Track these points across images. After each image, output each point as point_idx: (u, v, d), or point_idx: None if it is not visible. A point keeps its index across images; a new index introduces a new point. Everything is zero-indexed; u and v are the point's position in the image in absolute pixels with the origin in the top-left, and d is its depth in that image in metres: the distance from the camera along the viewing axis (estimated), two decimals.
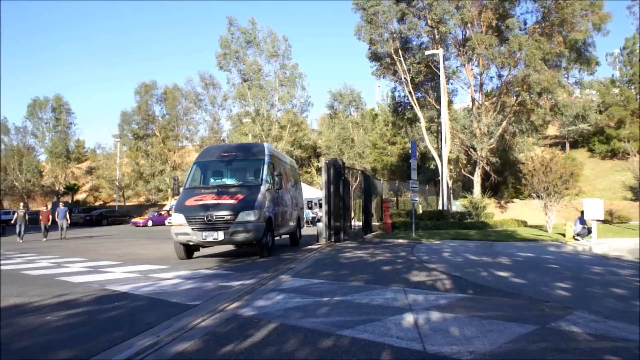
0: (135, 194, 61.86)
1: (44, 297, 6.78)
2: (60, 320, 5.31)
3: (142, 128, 57.20)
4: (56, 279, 8.81)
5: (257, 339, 4.21)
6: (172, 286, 7.54)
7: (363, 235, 17.75)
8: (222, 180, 12.53)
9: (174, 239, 11.44)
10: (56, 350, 4.12)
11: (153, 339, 4.29)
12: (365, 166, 47.23)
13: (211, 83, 53.87)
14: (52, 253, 14.85)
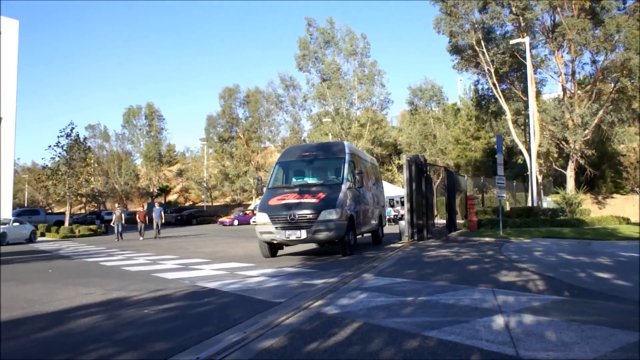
0: (222, 194, 64.55)
1: (141, 292, 7.23)
2: (156, 314, 5.63)
3: (227, 131, 59.56)
4: (152, 275, 9.39)
5: (341, 337, 4.20)
6: (257, 284, 7.75)
7: (447, 234, 17.25)
8: (303, 180, 12.70)
9: (258, 237, 11.77)
10: (153, 342, 4.36)
11: (240, 334, 4.41)
12: (448, 162, 45.92)
13: (291, 84, 54.91)
14: (148, 251, 15.85)
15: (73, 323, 5.32)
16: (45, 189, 34.45)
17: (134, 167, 67.19)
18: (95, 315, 5.69)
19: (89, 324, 5.22)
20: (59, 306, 6.30)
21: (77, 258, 14.33)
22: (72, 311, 5.98)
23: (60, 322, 5.37)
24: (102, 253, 15.74)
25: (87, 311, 5.94)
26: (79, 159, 31.28)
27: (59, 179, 31.12)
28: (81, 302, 6.52)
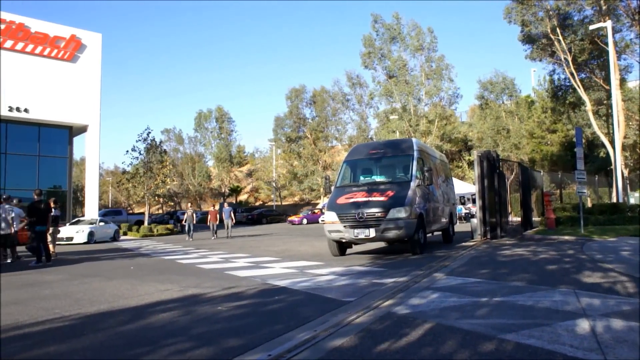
0: (290, 193, 65.61)
1: (215, 289, 7.46)
2: (229, 311, 5.78)
3: (294, 131, 60.45)
4: (225, 272, 9.68)
5: (412, 338, 4.10)
6: (327, 282, 7.77)
7: (522, 232, 16.50)
8: (371, 178, 12.61)
9: (327, 236, 11.82)
10: (227, 338, 4.47)
11: (310, 333, 4.43)
12: (522, 157, 43.93)
13: (358, 82, 54.79)
14: (221, 249, 16.38)
15: (153, 317, 5.58)
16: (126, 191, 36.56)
17: (206, 169, 69.91)
18: (172, 310, 5.93)
19: (167, 319, 5.45)
20: (140, 301, 6.63)
21: (156, 256, 15.07)
22: (151, 306, 6.27)
23: (141, 317, 5.65)
24: (178, 251, 16.46)
25: (165, 306, 6.21)
26: (156, 162, 32.92)
27: (138, 181, 32.92)
28: (160, 298, 6.83)
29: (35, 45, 28.77)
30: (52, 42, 29.36)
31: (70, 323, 5.44)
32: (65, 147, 31.83)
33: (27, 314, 5.93)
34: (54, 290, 7.95)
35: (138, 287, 7.93)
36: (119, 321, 5.44)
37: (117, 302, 6.63)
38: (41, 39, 28.98)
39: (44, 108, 28.73)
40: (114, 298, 6.95)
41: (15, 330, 5.15)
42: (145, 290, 7.55)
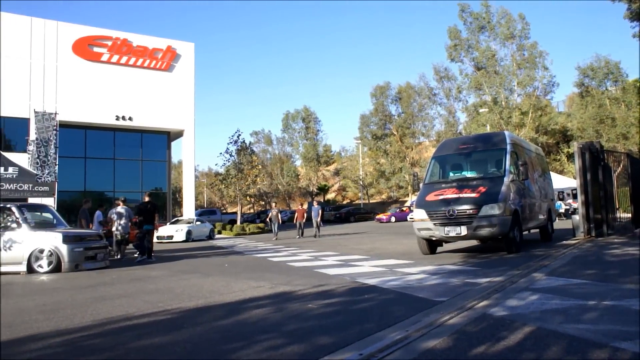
0: (378, 191, 65.25)
1: (305, 287, 7.56)
2: (320, 309, 5.82)
3: (380, 128, 60.03)
4: (314, 270, 9.79)
5: (511, 342, 3.87)
6: (417, 281, 7.60)
7: (633, 229, 15.11)
8: (461, 174, 12.17)
9: (416, 234, 11.58)
10: (318, 336, 4.49)
11: (402, 333, 4.32)
12: (631, 148, 40.26)
13: (445, 75, 53.24)
14: (310, 248, 16.64)
15: (246, 313, 5.76)
16: (219, 191, 38.31)
17: (294, 168, 71.50)
18: (265, 307, 6.09)
19: (260, 315, 5.59)
20: (234, 297, 6.87)
21: (248, 254, 15.63)
22: (245, 302, 6.48)
23: (235, 312, 5.86)
24: (269, 249, 16.96)
25: (258, 303, 6.38)
26: (246, 163, 34.20)
27: (230, 182, 34.39)
28: (252, 295, 7.04)
29: (136, 58, 31.05)
30: (150, 54, 31.52)
31: (172, 316, 5.76)
32: (164, 151, 34.06)
33: (135, 307, 6.37)
34: (157, 285, 8.49)
35: (232, 284, 8.25)
36: (215, 316, 5.67)
37: (213, 297, 6.93)
38: (141, 51, 31.22)
39: (145, 116, 30.92)
40: (210, 294, 7.27)
41: (125, 321, 5.55)
42: (239, 287, 7.83)
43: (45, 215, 13.02)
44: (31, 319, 5.86)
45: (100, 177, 30.91)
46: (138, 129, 31.50)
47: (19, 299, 7.76)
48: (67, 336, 4.91)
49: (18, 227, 11.37)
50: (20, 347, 4.53)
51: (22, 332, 5.12)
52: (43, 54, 28.31)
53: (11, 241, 11.22)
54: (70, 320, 5.64)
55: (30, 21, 28.27)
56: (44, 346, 4.54)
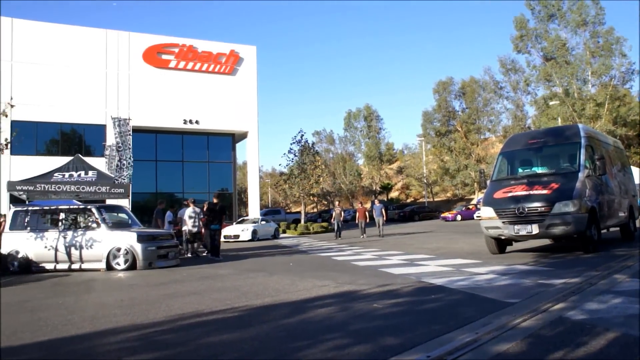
0: (442, 189, 63.85)
1: (370, 286, 7.51)
2: (385, 309, 5.75)
3: (444, 125, 58.69)
4: (379, 270, 9.70)
5: (593, 349, 3.63)
6: (486, 281, 7.33)
7: None
8: (531, 170, 11.63)
9: (484, 233, 11.19)
10: (384, 336, 4.43)
11: (471, 335, 4.18)
12: None
13: (512, 68, 51.17)
14: (374, 247, 16.52)
15: (312, 312, 5.79)
16: (283, 191, 38.89)
17: (357, 167, 71.40)
18: (329, 306, 6.09)
19: (325, 314, 5.60)
20: (300, 296, 6.93)
21: (312, 253, 15.75)
22: (310, 301, 6.52)
23: (301, 311, 5.90)
24: (333, 248, 17.00)
25: (323, 302, 6.40)
26: (309, 163, 34.50)
27: (293, 182, 34.83)
28: (317, 294, 7.07)
29: (202, 63, 32.16)
30: (215, 58, 32.53)
31: (240, 314, 5.90)
32: (230, 153, 35.06)
33: (204, 304, 6.58)
34: (225, 284, 8.72)
35: (297, 283, 8.33)
36: (281, 314, 5.74)
37: (279, 296, 7.03)
38: (206, 57, 32.29)
39: (211, 119, 31.96)
40: (276, 292, 7.38)
41: (196, 317, 5.74)
42: (303, 286, 7.89)
43: (121, 216, 13.76)
44: (110, 313, 6.20)
45: (170, 179, 32.30)
46: (204, 131, 32.61)
47: (99, 294, 8.24)
48: (143, 331, 5.14)
49: (97, 227, 12.09)
50: (102, 340, 4.79)
51: (103, 326, 5.42)
52: (117, 63, 29.94)
53: (92, 240, 11.95)
54: (145, 316, 5.91)
55: (106, 34, 30.00)
56: (123, 339, 4.78)
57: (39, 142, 28.46)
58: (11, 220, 12.71)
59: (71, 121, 28.83)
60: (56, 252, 12.08)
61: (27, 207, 13.08)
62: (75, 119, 28.70)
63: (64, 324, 5.64)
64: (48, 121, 27.97)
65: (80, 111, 28.59)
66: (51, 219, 12.65)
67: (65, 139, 29.66)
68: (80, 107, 28.58)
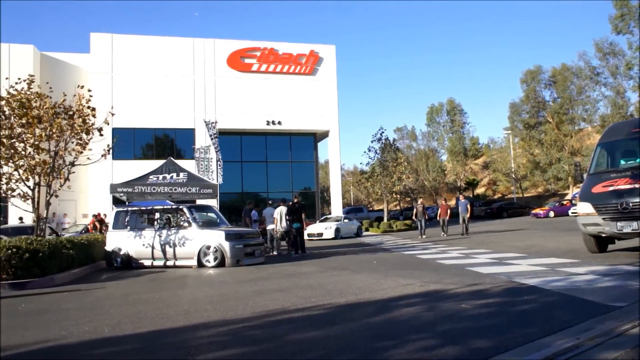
0: (532, 184, 60.51)
1: (457, 285, 7.25)
2: (474, 309, 5.52)
3: (533, 116, 55.57)
4: (466, 268, 9.36)
5: None
6: (585, 282, 6.81)
7: None
8: (635, 161, 10.65)
9: (581, 230, 10.42)
10: (473, 338, 4.25)
11: (571, 340, 3.88)
12: None
13: (611, 52, 47.26)
14: (460, 245, 15.99)
15: (397, 312, 5.68)
16: (365, 189, 38.79)
17: (440, 163, 69.58)
18: (415, 305, 5.95)
19: (411, 314, 5.48)
20: (384, 295, 6.85)
21: (396, 251, 15.54)
22: (395, 300, 6.42)
23: (386, 310, 5.82)
24: (417, 246, 16.68)
25: (408, 301, 6.27)
26: (390, 160, 34.12)
27: (375, 180, 34.62)
28: (402, 293, 6.94)
29: (282, 65, 32.89)
30: (295, 59, 33.13)
31: (324, 312, 5.93)
32: (311, 152, 35.54)
33: (289, 301, 6.69)
34: (309, 281, 8.83)
35: (381, 281, 8.24)
36: (366, 313, 5.69)
37: (363, 294, 6.98)
38: (287, 58, 32.97)
39: (293, 119, 32.59)
40: (360, 290, 7.34)
41: (282, 314, 5.85)
42: (388, 284, 7.79)
43: (210, 215, 14.40)
44: (202, 308, 6.48)
45: (255, 179, 33.35)
46: (287, 132, 33.31)
47: (192, 289, 8.66)
48: (232, 326, 5.32)
49: (189, 226, 12.74)
50: (194, 333, 5.02)
51: (195, 320, 5.68)
52: (203, 69, 31.42)
53: (184, 238, 12.62)
54: (234, 311, 6.12)
55: (193, 42, 31.60)
56: (214, 334, 4.97)
57: (136, 147, 30.58)
58: (114, 220, 13.77)
59: (164, 126, 30.70)
60: (152, 250, 12.89)
61: (127, 207, 14.08)
62: (167, 124, 30.53)
63: (161, 317, 5.98)
64: (144, 127, 29.97)
65: (172, 116, 30.35)
66: (148, 218, 13.52)
67: (159, 143, 31.61)
68: (172, 113, 30.34)
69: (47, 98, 11.86)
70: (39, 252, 10.05)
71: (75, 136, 12.08)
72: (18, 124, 11.46)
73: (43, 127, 11.60)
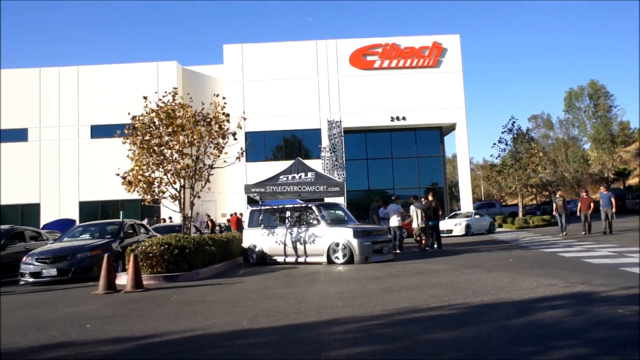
0: None
1: (610, 288, 6.51)
2: (633, 316, 4.88)
3: None
4: (619, 269, 8.39)
5: None
6: None
7: None
8: None
9: None
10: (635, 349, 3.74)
11: None
12: None
13: None
14: (610, 242, 14.38)
15: (539, 314, 5.24)
16: (497, 183, 36.73)
17: (582, 153, 63.33)
18: (560, 308, 5.44)
19: (555, 318, 5.01)
20: (523, 295, 6.37)
21: (534, 248, 14.44)
22: (535, 302, 5.93)
23: (525, 312, 5.40)
24: (558, 244, 15.34)
25: (551, 303, 5.76)
26: (524, 151, 31.84)
27: (507, 173, 32.58)
28: (544, 294, 6.40)
29: (405, 59, 32.40)
30: (417, 53, 32.44)
31: (458, 312, 5.67)
32: (438, 146, 34.54)
33: (420, 300, 6.52)
34: (440, 279, 8.54)
35: (519, 281, 7.69)
36: (503, 315, 5.33)
37: (498, 294, 6.56)
38: (409, 52, 32.42)
39: (417, 114, 31.96)
40: (495, 290, 6.91)
41: (412, 313, 5.71)
42: (527, 284, 7.24)
43: (338, 213, 14.65)
44: (333, 304, 6.58)
45: (380, 176, 33.32)
46: (411, 127, 32.76)
47: (322, 285, 8.86)
48: (362, 323, 5.32)
49: (318, 224, 13.08)
50: (326, 329, 5.11)
51: (326, 316, 5.78)
52: (327, 70, 32.18)
53: (314, 236, 12.99)
54: (364, 309, 6.12)
55: (315, 44, 32.51)
56: (344, 330, 5.01)
57: (266, 149, 32.31)
58: (249, 218, 14.64)
59: (291, 128, 32.04)
60: (284, 247, 13.46)
61: (260, 206, 14.88)
62: (294, 125, 31.81)
63: (294, 312, 6.19)
64: (273, 130, 31.58)
65: (299, 118, 31.57)
66: (279, 216, 14.15)
67: (288, 145, 33.02)
68: (298, 115, 31.56)
69: (189, 108, 12.98)
70: (186, 248, 11.05)
71: (212, 141, 13.07)
72: (165, 133, 12.71)
73: (186, 134, 12.73)
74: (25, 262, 11.55)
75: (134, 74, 31.55)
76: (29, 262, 11.50)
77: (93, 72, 32.31)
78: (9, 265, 12.40)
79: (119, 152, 14.15)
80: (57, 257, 11.50)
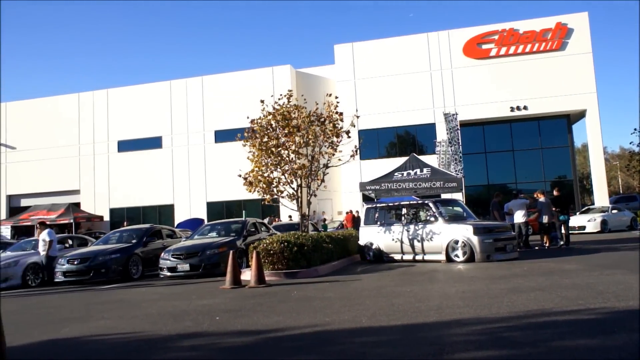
0: None
1: None
2: None
3: None
4: None
5: None
6: None
7: None
8: None
9: None
10: None
11: None
12: None
13: None
14: None
15: None
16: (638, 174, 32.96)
17: None
18: None
19: None
20: None
21: None
22: None
23: None
24: None
25: None
26: None
27: None
28: None
29: (524, 45, 30.26)
30: (539, 37, 30.11)
31: (597, 317, 5.14)
32: (565, 136, 31.78)
33: (551, 302, 6.02)
34: (574, 280, 7.82)
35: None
36: None
37: None
38: (529, 37, 30.22)
39: (540, 102, 29.69)
40: None
41: (543, 316, 5.28)
42: None
43: (456, 209, 14.10)
44: (454, 304, 6.33)
45: (501, 170, 31.51)
46: (534, 116, 30.52)
47: (442, 284, 8.58)
48: (487, 325, 5.03)
49: (435, 221, 12.71)
50: (448, 330, 4.92)
51: (447, 316, 5.57)
52: (439, 62, 31.14)
53: (431, 233, 12.64)
54: (488, 310, 5.79)
55: (427, 37, 31.60)
56: (468, 332, 4.78)
57: (380, 146, 32.11)
58: (364, 216, 14.66)
59: (404, 124, 31.48)
60: (401, 244, 13.27)
61: (376, 204, 14.83)
62: (407, 121, 31.22)
63: (413, 311, 6.05)
64: (386, 127, 31.31)
65: (412, 113, 30.94)
66: (395, 214, 13.98)
67: (401, 141, 32.54)
68: (411, 110, 30.94)
69: (303, 109, 13.34)
70: (304, 245, 11.36)
71: (327, 140, 13.29)
72: (282, 134, 13.18)
73: (301, 134, 13.09)
74: (163, 258, 12.73)
75: (251, 80, 33.23)
76: (166, 258, 12.64)
77: (215, 81, 34.62)
78: (150, 260, 13.77)
79: (241, 155, 15.00)
80: (189, 254, 12.49)
